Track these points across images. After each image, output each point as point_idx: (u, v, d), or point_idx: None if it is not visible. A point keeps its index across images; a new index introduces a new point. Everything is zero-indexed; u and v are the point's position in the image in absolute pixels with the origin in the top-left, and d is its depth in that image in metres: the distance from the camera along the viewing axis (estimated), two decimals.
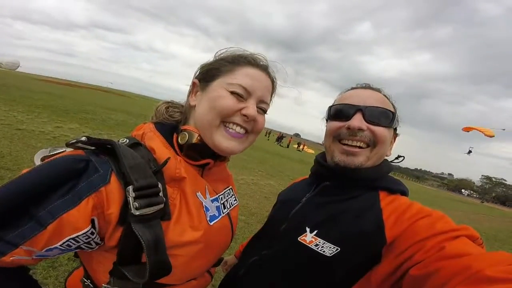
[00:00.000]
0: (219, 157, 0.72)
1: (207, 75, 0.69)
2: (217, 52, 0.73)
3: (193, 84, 0.72)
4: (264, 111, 0.73)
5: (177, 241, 0.58)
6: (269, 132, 43.84)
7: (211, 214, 0.69)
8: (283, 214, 0.79)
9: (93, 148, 0.55)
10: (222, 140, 0.65)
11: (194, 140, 0.65)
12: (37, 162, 0.58)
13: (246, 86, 0.65)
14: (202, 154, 0.68)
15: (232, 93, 0.64)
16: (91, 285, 0.63)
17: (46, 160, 0.53)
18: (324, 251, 0.63)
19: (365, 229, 0.63)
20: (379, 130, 0.71)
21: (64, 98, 15.18)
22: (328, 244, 0.64)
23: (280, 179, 8.62)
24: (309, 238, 0.67)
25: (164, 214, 0.57)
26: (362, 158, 0.71)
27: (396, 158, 0.85)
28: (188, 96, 0.73)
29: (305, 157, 22.27)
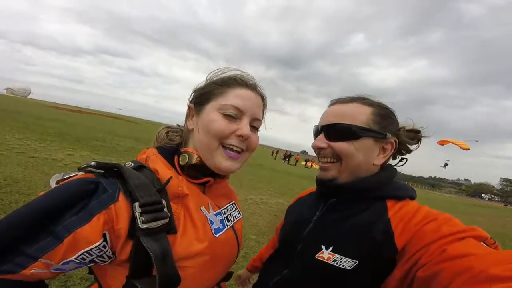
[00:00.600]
0: (218, 175, 0.76)
1: (200, 98, 0.73)
2: (208, 75, 0.77)
3: (189, 108, 0.77)
4: (257, 129, 0.77)
5: (185, 253, 0.61)
6: (276, 151, 43.81)
7: (216, 227, 0.72)
8: (297, 235, 0.81)
9: (101, 171, 0.60)
10: (221, 161, 0.69)
11: (194, 161, 0.69)
12: (53, 185, 0.62)
13: (238, 106, 0.69)
14: (202, 173, 0.72)
15: (225, 115, 0.68)
16: None
17: (61, 183, 0.58)
18: (343, 265, 0.65)
19: (377, 240, 0.64)
20: (337, 145, 0.74)
21: (75, 125, 15.63)
22: (346, 259, 0.66)
23: (290, 196, 8.51)
24: (326, 255, 0.69)
25: (170, 229, 0.60)
26: (333, 172, 0.76)
27: (400, 160, 0.85)
28: (186, 119, 0.78)
29: (313, 174, 22.00)
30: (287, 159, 34.35)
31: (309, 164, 38.58)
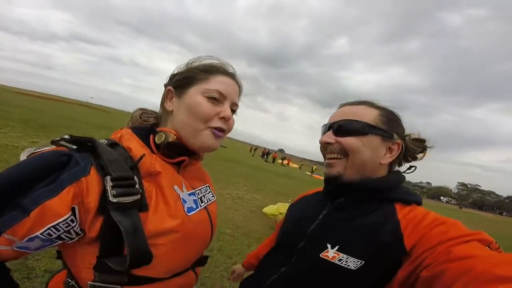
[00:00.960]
0: (193, 155, 0.78)
1: (182, 82, 0.75)
2: (188, 61, 0.80)
3: (168, 91, 0.77)
4: (235, 112, 0.81)
5: (156, 230, 0.61)
6: (255, 149, 43.93)
7: (189, 206, 0.72)
8: (300, 232, 0.80)
9: (74, 146, 0.60)
10: (206, 140, 0.72)
11: (171, 139, 0.70)
12: (22, 158, 0.60)
13: (221, 91, 0.73)
14: (177, 153, 0.73)
15: (209, 98, 0.72)
16: (76, 286, 0.62)
17: (32, 155, 0.56)
18: (349, 265, 0.65)
19: (385, 241, 0.64)
20: (345, 140, 0.75)
21: (42, 112, 14.62)
22: (352, 259, 0.65)
23: (266, 193, 8.59)
24: (331, 254, 0.68)
25: (141, 205, 0.60)
26: (338, 168, 0.76)
27: (408, 168, 0.85)
28: (163, 102, 0.79)
29: (290, 172, 22.38)
30: (265, 157, 34.61)
31: (285, 162, 39.17)
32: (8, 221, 0.50)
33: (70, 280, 0.64)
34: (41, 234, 0.52)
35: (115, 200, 0.55)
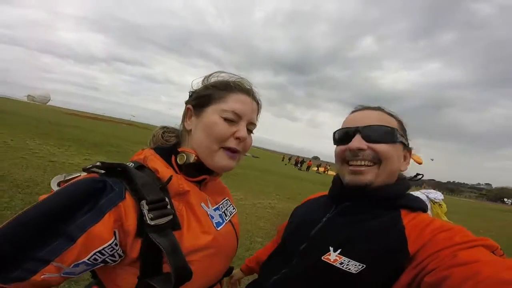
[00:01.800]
0: (213, 173, 0.79)
1: (200, 101, 0.77)
2: (205, 79, 0.81)
3: (187, 109, 0.79)
4: (251, 131, 0.81)
5: (192, 247, 0.64)
6: (288, 158, 43.48)
7: (216, 221, 0.76)
8: (303, 234, 0.80)
9: (105, 171, 0.61)
10: (221, 161, 0.73)
11: (192, 160, 0.72)
12: (54, 186, 0.64)
13: (237, 112, 0.73)
14: (199, 171, 0.75)
15: (225, 119, 0.73)
16: None
17: (67, 184, 0.58)
18: (349, 269, 0.64)
19: (390, 246, 0.64)
20: (380, 147, 0.73)
21: (92, 132, 16.18)
22: (353, 262, 0.65)
23: (299, 201, 8.47)
24: (333, 257, 0.68)
25: (175, 225, 0.63)
26: (370, 176, 0.73)
27: (415, 176, 0.86)
28: (183, 120, 0.81)
29: (326, 179, 21.75)
30: (299, 165, 34.11)
31: (321, 169, 38.13)
32: (56, 250, 0.50)
33: None
34: (87, 259, 0.53)
35: (153, 223, 0.57)
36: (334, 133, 0.85)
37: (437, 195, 3.18)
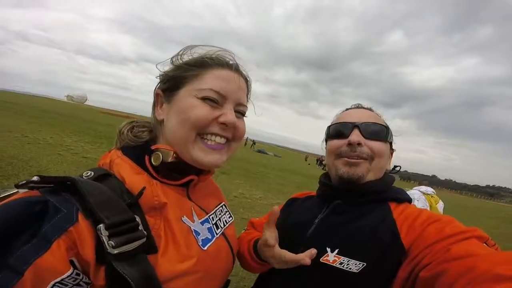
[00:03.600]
0: (202, 171, 0.66)
1: (171, 83, 0.62)
2: (174, 57, 0.65)
3: (157, 95, 0.65)
4: (243, 114, 0.67)
5: (171, 274, 0.52)
6: (317, 160, 42.59)
7: (203, 238, 0.62)
8: (299, 237, 0.78)
9: (51, 186, 0.48)
10: (201, 155, 0.59)
11: (170, 159, 0.59)
12: None
13: (218, 90, 0.59)
14: (182, 172, 0.62)
15: (204, 99, 0.58)
16: None
17: None
18: (350, 268, 0.64)
19: (384, 241, 0.64)
20: (376, 144, 0.76)
21: None
22: (353, 261, 0.64)
23: None
24: (331, 258, 0.67)
25: (150, 248, 0.51)
26: (363, 169, 0.75)
27: (393, 168, 0.89)
28: (153, 109, 0.66)
29: None
30: (322, 165, 33.49)
31: None
32: (4, 285, 0.39)
33: None
34: None
35: (115, 251, 0.45)
36: (329, 127, 0.85)
37: (427, 188, 4.12)
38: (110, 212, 0.47)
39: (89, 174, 0.54)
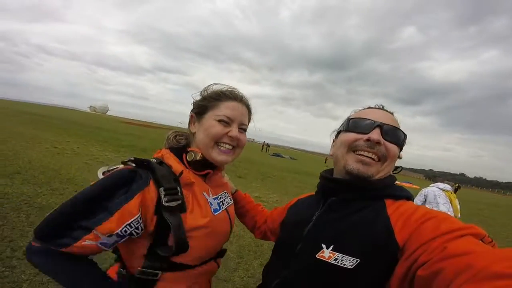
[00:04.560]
0: (215, 167, 0.97)
1: (200, 109, 0.93)
2: (202, 91, 0.98)
3: (191, 116, 0.97)
4: (245, 130, 0.97)
5: (192, 226, 0.79)
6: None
7: (214, 208, 0.92)
8: (297, 235, 0.81)
9: (136, 164, 0.78)
10: (216, 156, 0.90)
11: (198, 158, 0.89)
12: (100, 174, 0.84)
13: (228, 116, 0.89)
14: (204, 166, 0.92)
15: (220, 121, 0.89)
16: (126, 274, 0.81)
17: (109, 173, 0.77)
18: (345, 264, 0.64)
19: (377, 238, 0.64)
20: (393, 147, 0.77)
21: (143, 138, 17.76)
22: (347, 257, 0.65)
23: None
24: (327, 254, 0.69)
25: (182, 208, 0.79)
26: (374, 170, 0.76)
27: (395, 169, 0.88)
28: (189, 125, 0.98)
29: None
30: None
31: None
32: (98, 220, 0.67)
33: (122, 270, 0.82)
34: (120, 231, 0.69)
35: (166, 204, 0.74)
36: (350, 119, 0.85)
37: (446, 185, 4.30)
38: (166, 181, 0.78)
39: (154, 160, 0.85)
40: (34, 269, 2.32)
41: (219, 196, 1.00)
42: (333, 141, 0.92)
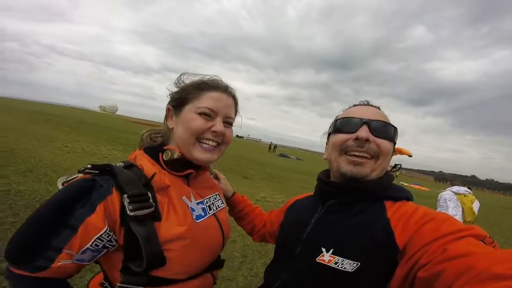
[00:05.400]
0: (199, 167, 0.86)
1: (178, 101, 0.82)
2: (176, 82, 0.85)
3: (168, 110, 0.85)
4: (230, 124, 0.87)
5: (168, 236, 0.69)
6: None
7: (197, 214, 0.80)
8: (296, 238, 0.80)
9: (96, 171, 0.70)
10: (199, 154, 0.79)
11: (176, 156, 0.79)
12: (59, 185, 0.75)
13: (211, 107, 0.78)
14: (184, 166, 0.81)
15: (201, 114, 0.78)
16: (109, 287, 0.75)
17: (65, 185, 0.69)
18: (345, 268, 0.64)
19: (378, 241, 0.64)
20: (384, 142, 0.75)
21: None
22: (347, 261, 0.65)
23: None
24: (327, 257, 0.68)
25: (155, 216, 0.69)
26: (368, 169, 0.74)
27: (394, 167, 0.88)
28: (165, 120, 0.87)
29: None
30: None
31: None
32: (64, 238, 0.61)
33: (105, 282, 0.76)
34: (90, 246, 0.63)
35: (132, 213, 0.64)
36: (337, 120, 0.84)
37: (459, 188, 4.17)
38: (132, 187, 0.68)
39: (120, 164, 0.77)
40: None
41: (206, 200, 0.88)
42: (326, 143, 0.91)
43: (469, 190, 4.28)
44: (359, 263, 0.63)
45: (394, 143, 0.81)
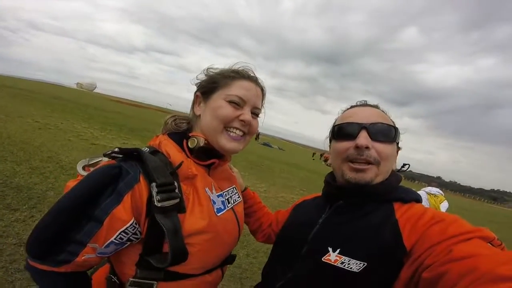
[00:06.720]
0: (222, 156, 0.83)
1: (207, 88, 0.81)
2: (208, 69, 0.85)
3: (196, 96, 0.84)
4: (257, 115, 0.85)
5: (191, 230, 0.67)
6: (321, 154, 42.47)
7: (218, 207, 0.78)
8: (302, 237, 0.80)
9: (122, 156, 0.67)
10: (225, 143, 0.77)
11: (202, 144, 0.76)
12: (79, 169, 0.72)
13: (241, 96, 0.77)
14: (208, 155, 0.79)
15: (230, 102, 0.76)
16: (117, 282, 0.71)
17: (89, 171, 0.66)
18: (351, 268, 0.64)
19: (385, 242, 0.64)
20: (384, 147, 0.74)
21: (131, 118, 17.32)
22: (354, 261, 0.64)
23: None
24: (333, 257, 0.68)
25: (180, 208, 0.66)
26: (371, 175, 0.73)
27: (402, 167, 0.87)
28: (192, 107, 0.85)
29: None
30: (328, 162, 33.34)
31: None
32: (89, 232, 0.58)
33: (112, 276, 0.71)
34: (115, 239, 0.60)
35: (159, 204, 0.60)
36: (334, 127, 0.83)
37: (431, 189, 4.45)
38: (160, 175, 0.63)
39: (146, 149, 0.72)
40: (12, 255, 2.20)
41: (225, 193, 0.86)
42: (329, 147, 0.89)
43: (440, 192, 4.57)
44: (366, 264, 0.63)
45: (397, 143, 0.80)
